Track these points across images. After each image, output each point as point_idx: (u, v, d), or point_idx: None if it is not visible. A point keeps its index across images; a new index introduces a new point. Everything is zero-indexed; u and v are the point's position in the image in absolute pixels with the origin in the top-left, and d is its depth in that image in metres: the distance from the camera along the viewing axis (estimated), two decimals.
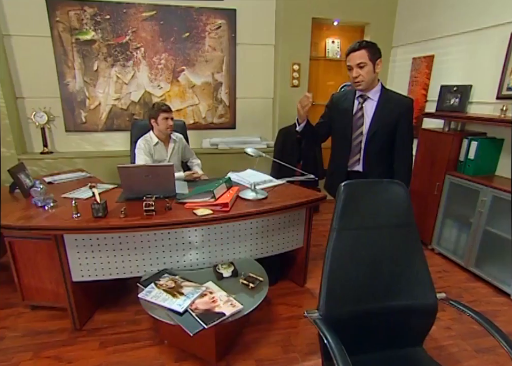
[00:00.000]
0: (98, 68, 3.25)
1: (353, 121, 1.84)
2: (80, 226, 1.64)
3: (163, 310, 1.53)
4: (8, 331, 1.85)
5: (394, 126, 1.77)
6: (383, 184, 1.21)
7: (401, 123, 1.76)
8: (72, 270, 1.77)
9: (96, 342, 1.79)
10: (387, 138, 1.80)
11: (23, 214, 1.78)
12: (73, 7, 3.04)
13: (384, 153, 1.84)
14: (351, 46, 1.71)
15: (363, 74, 1.70)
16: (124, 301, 2.11)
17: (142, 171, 1.86)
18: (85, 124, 3.36)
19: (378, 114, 1.78)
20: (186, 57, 3.39)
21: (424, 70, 3.22)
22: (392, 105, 1.76)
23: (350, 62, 1.72)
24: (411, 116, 1.82)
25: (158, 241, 1.82)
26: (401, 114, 1.76)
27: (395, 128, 1.78)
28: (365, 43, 1.70)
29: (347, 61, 1.74)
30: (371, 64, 1.69)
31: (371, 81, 1.74)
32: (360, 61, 1.68)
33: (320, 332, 1.00)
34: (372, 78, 1.73)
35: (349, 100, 1.86)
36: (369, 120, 1.80)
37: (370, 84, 1.75)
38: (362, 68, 1.69)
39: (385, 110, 1.77)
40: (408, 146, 1.85)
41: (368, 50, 1.68)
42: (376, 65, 1.72)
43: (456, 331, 1.95)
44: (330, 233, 1.15)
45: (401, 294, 1.15)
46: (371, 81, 1.74)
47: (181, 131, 2.75)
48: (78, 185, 2.29)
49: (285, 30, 3.38)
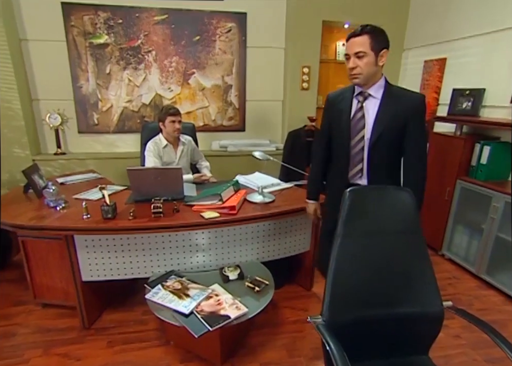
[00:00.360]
0: (111, 71, 3.31)
1: (352, 124, 1.54)
2: (90, 227, 1.68)
3: (169, 311, 1.55)
4: (20, 328, 1.91)
5: (402, 128, 1.46)
6: (389, 191, 1.20)
7: (411, 125, 1.45)
8: (81, 270, 1.81)
9: (103, 341, 1.83)
10: (396, 144, 1.50)
11: (36, 215, 1.83)
12: (87, 12, 3.11)
13: (393, 162, 1.55)
14: (353, 31, 1.43)
15: (362, 66, 1.41)
16: (132, 301, 2.15)
17: (151, 174, 1.89)
18: (97, 126, 3.43)
19: (382, 114, 1.47)
20: (197, 60, 3.42)
21: (436, 73, 3.18)
22: (398, 103, 1.45)
23: (348, 49, 1.43)
24: (424, 116, 1.49)
25: (166, 243, 1.84)
26: (411, 114, 1.44)
27: (404, 131, 1.47)
28: (369, 28, 1.39)
29: (345, 49, 1.46)
30: (372, 54, 1.39)
31: (371, 75, 1.44)
32: (359, 49, 1.39)
33: (323, 338, 1.00)
34: (372, 72, 1.43)
35: (347, 99, 1.56)
36: (372, 122, 1.49)
37: (370, 78, 1.45)
38: (361, 58, 1.40)
39: (391, 109, 1.46)
40: (421, 154, 1.51)
41: (372, 37, 1.38)
42: (380, 57, 1.41)
43: (466, 340, 1.91)
44: (334, 239, 1.15)
45: (406, 301, 1.14)
46: (372, 75, 1.44)
47: (191, 134, 2.78)
48: (89, 186, 2.34)
49: (295, 34, 3.38)
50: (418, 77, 3.40)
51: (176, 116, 2.40)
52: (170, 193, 1.97)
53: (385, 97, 1.47)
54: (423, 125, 1.49)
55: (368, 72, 1.42)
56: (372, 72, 1.43)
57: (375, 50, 1.39)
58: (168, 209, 1.82)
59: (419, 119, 1.46)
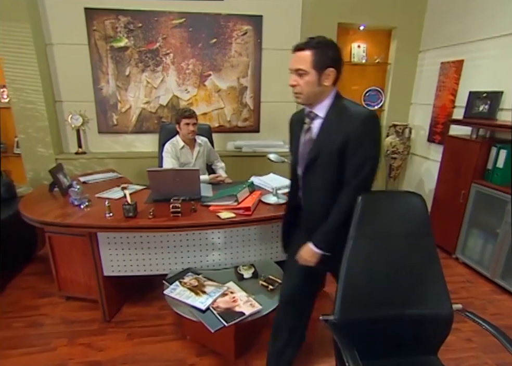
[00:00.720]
0: (130, 73, 3.41)
1: (300, 148, 1.36)
2: (112, 225, 1.77)
3: (186, 306, 1.63)
4: (46, 319, 2.03)
5: (341, 150, 1.21)
6: (401, 195, 1.24)
7: (350, 147, 1.19)
8: (103, 265, 1.91)
9: (123, 334, 1.92)
10: (337, 168, 1.24)
11: (62, 212, 1.93)
12: (108, 16, 3.22)
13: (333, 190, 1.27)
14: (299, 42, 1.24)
15: (302, 85, 1.22)
16: (150, 296, 2.24)
17: (170, 175, 1.97)
18: (116, 126, 3.55)
19: (321, 134, 1.27)
20: (213, 63, 3.49)
21: (452, 75, 3.16)
22: (339, 122, 1.22)
23: (290, 64, 1.24)
24: (370, 137, 1.20)
25: (184, 241, 1.92)
26: (350, 133, 1.18)
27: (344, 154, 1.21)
28: (314, 42, 1.19)
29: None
30: (314, 73, 1.20)
31: (314, 95, 1.24)
32: (299, 66, 1.20)
33: (334, 336, 1.05)
34: (315, 92, 1.23)
35: (301, 120, 1.36)
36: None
37: (314, 98, 1.26)
38: (302, 76, 1.21)
39: (330, 129, 1.24)
40: (355, 184, 1.21)
41: (315, 53, 1.18)
42: (324, 76, 1.21)
43: (477, 344, 1.92)
44: (347, 241, 1.19)
45: (416, 303, 1.18)
46: (316, 95, 1.24)
47: (207, 135, 2.85)
48: (109, 185, 2.44)
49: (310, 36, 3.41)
50: (434, 79, 3.38)
51: (190, 118, 2.47)
52: (188, 193, 2.05)
53: (327, 116, 1.26)
54: (366, 149, 1.19)
55: (309, 91, 1.23)
56: (314, 91, 1.23)
57: (317, 69, 1.19)
58: (186, 209, 1.89)
59: (360, 139, 1.18)
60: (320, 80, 1.21)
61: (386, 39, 3.69)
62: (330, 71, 1.20)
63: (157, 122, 3.56)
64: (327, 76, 1.21)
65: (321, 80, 1.21)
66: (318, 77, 1.21)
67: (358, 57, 3.71)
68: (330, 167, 1.25)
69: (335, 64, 1.21)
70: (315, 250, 1.30)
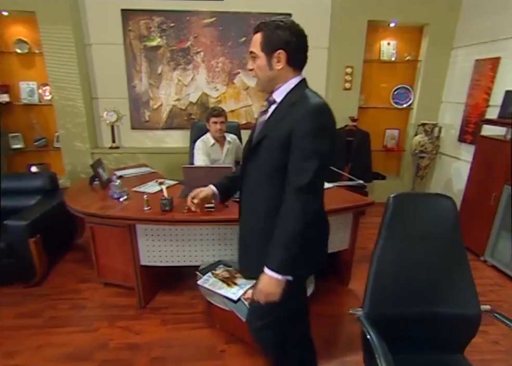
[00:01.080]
0: (162, 71, 3.55)
1: (254, 133, 1.25)
2: (150, 218, 1.89)
3: (218, 297, 1.73)
4: (88, 302, 2.19)
5: (286, 140, 1.09)
6: (432, 198, 1.27)
7: (293, 139, 1.08)
8: (141, 255, 2.04)
9: (157, 320, 2.05)
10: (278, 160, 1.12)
11: (102, 205, 2.08)
12: (143, 17, 3.35)
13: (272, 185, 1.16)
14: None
15: (256, 68, 1.16)
16: (182, 286, 2.36)
17: (203, 171, 2.06)
18: (148, 122, 3.70)
19: (272, 118, 1.18)
20: (242, 61, 3.56)
21: (488, 73, 3.07)
22: (290, 110, 1.12)
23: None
24: (315, 130, 1.06)
25: (216, 235, 2.02)
26: (295, 124, 1.08)
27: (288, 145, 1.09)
28: (264, 24, 1.13)
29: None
30: (263, 56, 1.13)
31: (268, 79, 1.16)
32: (251, 48, 1.15)
33: (364, 328, 1.11)
34: (269, 76, 1.15)
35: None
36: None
37: (269, 83, 1.17)
38: (254, 59, 1.16)
39: (281, 115, 1.14)
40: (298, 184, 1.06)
41: (264, 35, 1.11)
42: (274, 59, 1.12)
43: (505, 347, 1.91)
44: (377, 240, 1.24)
45: (444, 301, 1.21)
46: (270, 80, 1.16)
47: (236, 132, 2.93)
48: (144, 179, 2.57)
49: (339, 34, 3.41)
50: (467, 77, 3.30)
51: (218, 117, 2.55)
52: None
53: (282, 101, 1.17)
54: (309, 143, 1.06)
55: (263, 76, 1.16)
56: (267, 75, 1.15)
57: (266, 51, 1.12)
58: (219, 204, 1.98)
59: (300, 135, 1.06)
60: (271, 63, 1.13)
61: (417, 36, 3.62)
62: (280, 53, 1.11)
63: (187, 119, 3.68)
64: (278, 59, 1.12)
65: (272, 64, 1.13)
66: (268, 60, 1.13)
67: (387, 55, 3.66)
68: (272, 155, 1.13)
69: (285, 46, 1.10)
70: (276, 278, 1.07)
